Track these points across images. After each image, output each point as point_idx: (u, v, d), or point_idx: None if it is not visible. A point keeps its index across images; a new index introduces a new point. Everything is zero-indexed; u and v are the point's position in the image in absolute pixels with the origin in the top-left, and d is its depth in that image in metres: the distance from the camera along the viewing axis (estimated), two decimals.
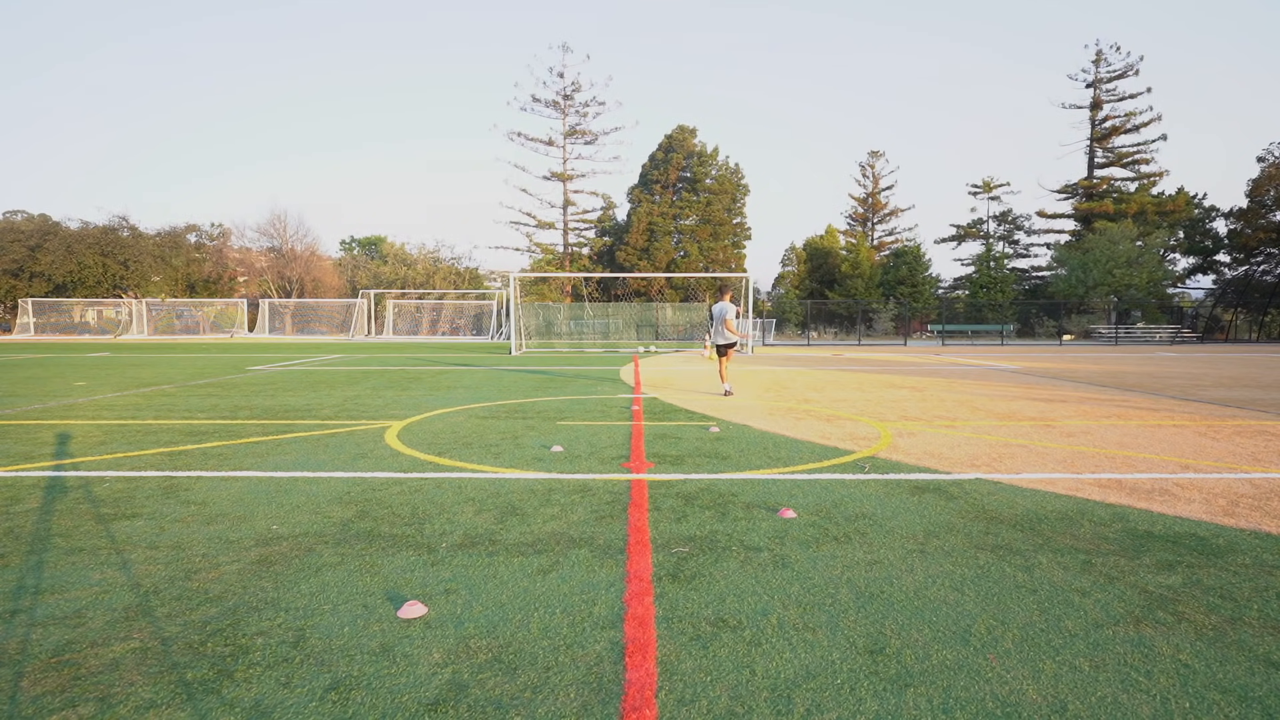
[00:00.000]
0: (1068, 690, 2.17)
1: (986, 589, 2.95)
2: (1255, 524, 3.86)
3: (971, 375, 14.07)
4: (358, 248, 61.98)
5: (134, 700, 2.10)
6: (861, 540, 3.57)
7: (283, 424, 7.25)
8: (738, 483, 4.75)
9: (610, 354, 22.94)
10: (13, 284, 39.75)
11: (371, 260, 53.03)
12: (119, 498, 4.34)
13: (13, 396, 9.67)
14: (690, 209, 49.99)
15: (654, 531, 3.71)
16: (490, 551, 3.40)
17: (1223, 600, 2.84)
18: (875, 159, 56.00)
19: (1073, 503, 4.29)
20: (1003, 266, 49.81)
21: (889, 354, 23.68)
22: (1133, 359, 20.36)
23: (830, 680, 2.23)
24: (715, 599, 2.85)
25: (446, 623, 2.62)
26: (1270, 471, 5.13)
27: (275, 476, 4.89)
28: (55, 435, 6.55)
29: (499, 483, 4.75)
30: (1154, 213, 45.32)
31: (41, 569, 3.15)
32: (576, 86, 51.22)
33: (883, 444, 6.22)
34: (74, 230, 41.36)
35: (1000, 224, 53.72)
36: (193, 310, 41.48)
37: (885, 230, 56.37)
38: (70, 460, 5.43)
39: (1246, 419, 7.81)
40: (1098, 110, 49.15)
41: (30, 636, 2.50)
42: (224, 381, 12.04)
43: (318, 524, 3.82)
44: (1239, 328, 42.08)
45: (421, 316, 42.68)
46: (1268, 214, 41.52)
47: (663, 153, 50.80)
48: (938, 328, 41.15)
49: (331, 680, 2.22)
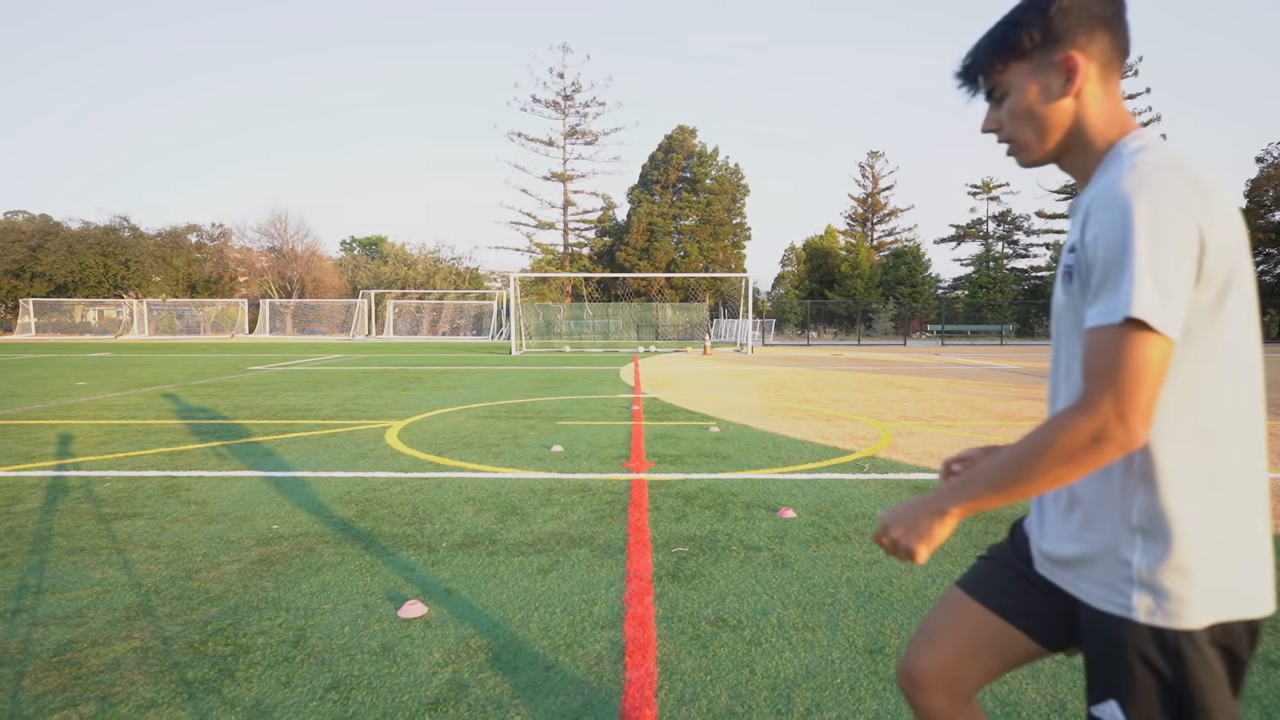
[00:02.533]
0: (1067, 690, 2.17)
1: None
2: None
3: (971, 375, 14.07)
4: (358, 248, 62.04)
5: (135, 700, 2.11)
6: (861, 540, 3.58)
7: (283, 424, 7.25)
8: (738, 482, 4.75)
9: (610, 354, 22.95)
10: (14, 284, 39.77)
11: (372, 260, 53.06)
12: (120, 497, 4.35)
13: (14, 396, 9.68)
14: (690, 209, 50.00)
15: (654, 531, 3.71)
16: (490, 551, 3.40)
17: None
18: (875, 159, 56.03)
19: None
20: (1002, 267, 49.84)
21: (888, 354, 23.68)
22: None
23: (830, 680, 2.23)
24: (715, 599, 2.85)
25: (447, 622, 2.63)
26: (1270, 471, 5.13)
27: (276, 476, 4.90)
28: (56, 435, 6.56)
29: (499, 482, 4.76)
30: None
31: (43, 568, 3.16)
32: (577, 87, 51.24)
33: (882, 444, 6.22)
34: (75, 230, 41.37)
35: (999, 224, 53.75)
36: (193, 310, 41.48)
37: (885, 230, 56.40)
38: (71, 460, 5.44)
39: None
40: None
41: (32, 636, 2.51)
42: (225, 381, 12.05)
43: (318, 524, 3.83)
44: None
45: (422, 317, 42.69)
46: (1266, 214, 41.58)
47: (663, 153, 50.82)
48: (937, 328, 41.15)
49: (332, 680, 2.22)
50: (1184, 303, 0.87)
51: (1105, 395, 0.86)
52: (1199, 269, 0.88)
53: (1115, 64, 1.01)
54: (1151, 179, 0.88)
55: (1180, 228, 0.86)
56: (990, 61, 1.05)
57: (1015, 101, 1.04)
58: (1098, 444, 0.86)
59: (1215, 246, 0.88)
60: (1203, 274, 0.88)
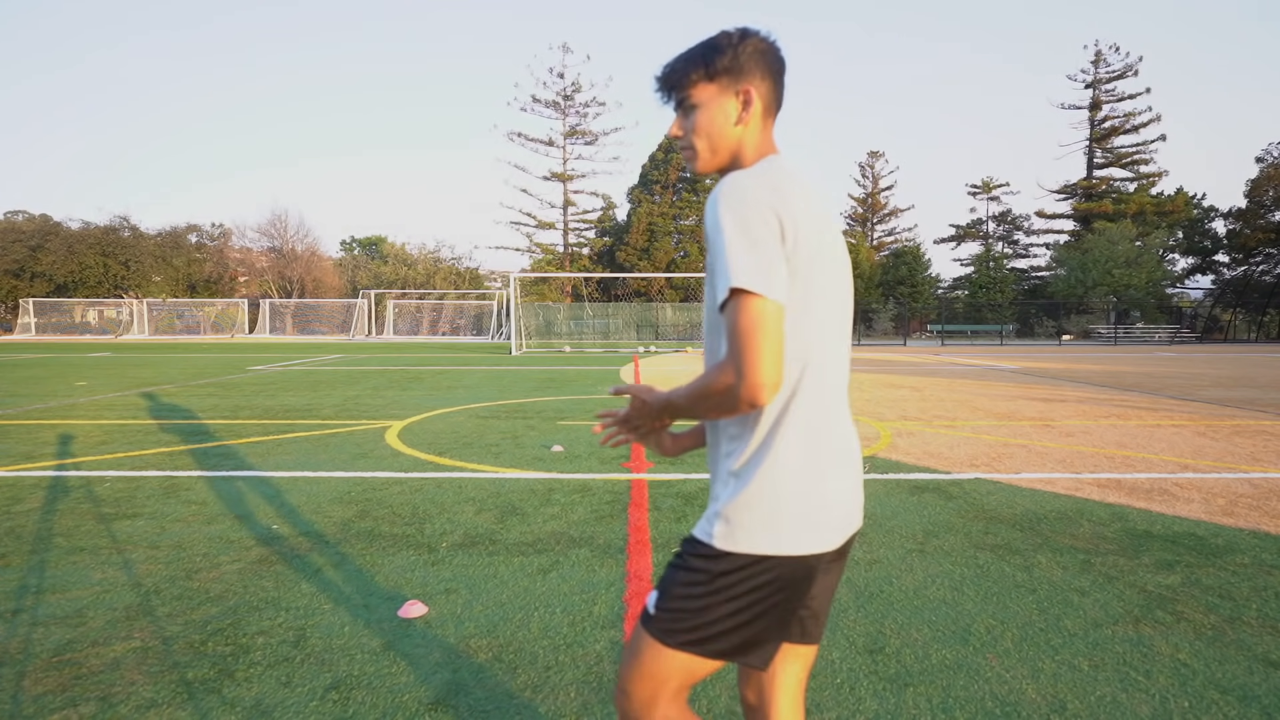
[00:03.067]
0: (1067, 689, 2.17)
1: (986, 588, 2.96)
2: (1254, 524, 3.87)
3: (971, 375, 14.07)
4: (358, 248, 61.98)
5: (135, 700, 2.11)
6: (861, 540, 3.58)
7: (283, 424, 7.25)
8: None
9: (610, 354, 22.95)
10: (14, 284, 39.75)
11: (372, 260, 53.03)
12: (120, 497, 4.35)
13: (14, 396, 9.68)
14: (690, 209, 49.97)
15: (654, 531, 3.71)
16: (490, 551, 3.40)
17: (1221, 600, 2.84)
18: (875, 159, 56.01)
19: (1072, 502, 4.29)
20: (1002, 267, 49.81)
21: (888, 354, 23.68)
22: (1132, 359, 20.37)
23: (830, 680, 2.23)
24: None
25: (447, 622, 2.63)
26: (1269, 471, 5.14)
27: (276, 476, 4.90)
28: (56, 435, 6.56)
29: (499, 482, 4.76)
30: (1153, 213, 45.33)
31: (43, 568, 3.16)
32: (577, 87, 51.22)
33: (882, 444, 6.22)
34: (75, 230, 41.34)
35: (999, 224, 53.76)
36: (193, 310, 41.47)
37: (885, 230, 56.38)
38: (71, 460, 5.44)
39: (1245, 419, 7.81)
40: (1097, 111, 49.17)
41: (32, 636, 2.51)
42: (225, 381, 12.05)
43: (318, 524, 3.83)
44: (1238, 328, 42.09)
45: (422, 317, 42.67)
46: (1266, 214, 41.52)
47: (663, 153, 50.78)
48: (937, 328, 41.13)
49: (332, 680, 2.22)
50: (778, 267, 1.03)
51: (731, 356, 1.02)
52: (784, 242, 1.05)
53: (774, 108, 1.23)
54: (732, 180, 1.07)
55: (757, 212, 1.04)
56: (688, 76, 1.20)
57: (700, 117, 1.21)
58: (731, 394, 1.02)
59: (792, 225, 1.05)
60: (787, 247, 1.05)
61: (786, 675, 1.28)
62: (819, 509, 1.12)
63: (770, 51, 1.21)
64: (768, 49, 1.21)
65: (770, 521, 1.10)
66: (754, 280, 1.01)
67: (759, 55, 1.19)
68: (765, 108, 1.21)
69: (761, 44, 1.20)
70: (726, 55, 1.18)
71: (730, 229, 1.04)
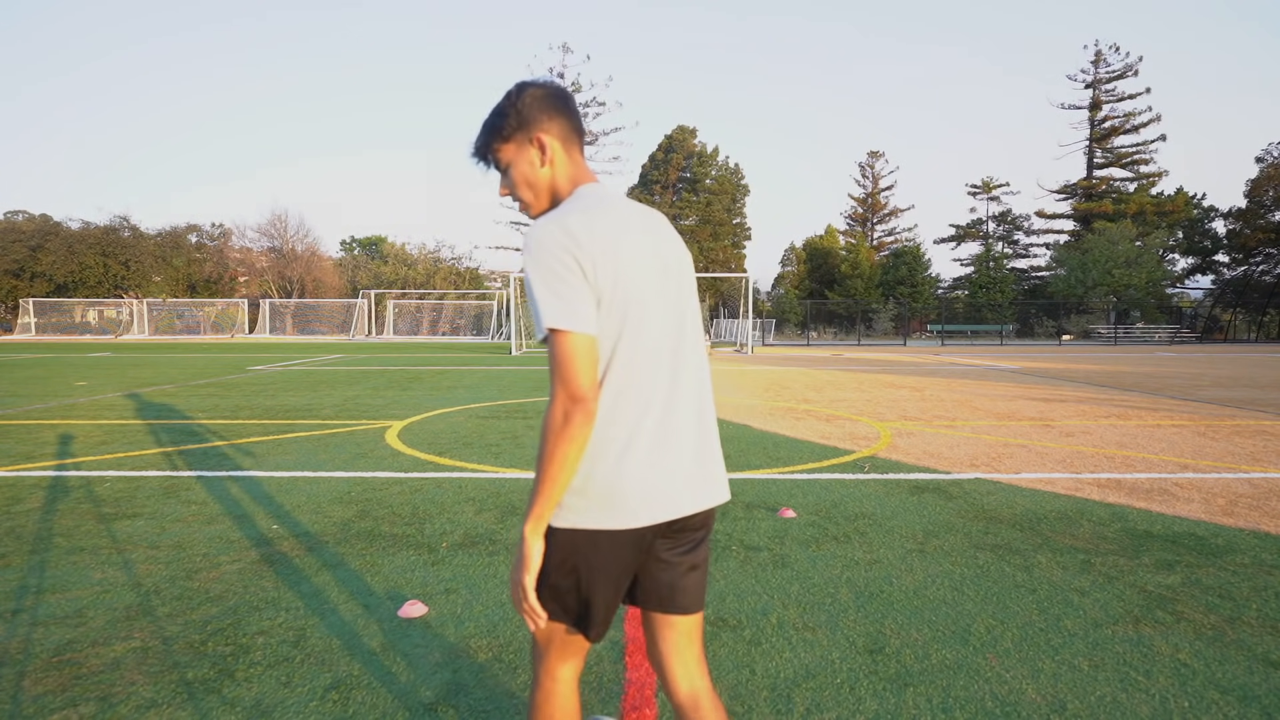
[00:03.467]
0: (1067, 689, 2.17)
1: (986, 589, 2.96)
2: (1254, 524, 3.87)
3: (971, 375, 14.07)
4: (358, 248, 61.91)
5: (135, 700, 2.11)
6: (861, 540, 3.58)
7: (283, 424, 7.25)
8: (738, 482, 4.75)
9: None
10: (14, 284, 39.72)
11: (372, 260, 52.97)
12: (120, 497, 4.35)
13: (14, 396, 9.68)
14: (690, 209, 49.98)
15: None
16: (491, 551, 3.40)
17: (1221, 600, 2.84)
18: (875, 159, 56.03)
19: (1072, 502, 4.29)
20: (1002, 267, 49.80)
21: (888, 354, 23.68)
22: (1132, 359, 20.36)
23: (830, 680, 2.23)
24: (715, 598, 2.85)
25: (447, 622, 2.63)
26: (1269, 471, 5.14)
27: (276, 476, 4.90)
28: (56, 435, 6.56)
29: (499, 482, 4.76)
30: (1153, 213, 45.30)
31: (43, 568, 3.16)
32: (577, 87, 51.18)
33: (882, 444, 6.22)
34: (75, 230, 41.31)
35: (999, 224, 53.73)
36: (193, 310, 41.45)
37: (885, 230, 56.39)
38: (71, 460, 5.44)
39: (1245, 419, 7.81)
40: (1097, 111, 49.13)
41: (32, 636, 2.51)
42: (225, 381, 12.04)
43: (318, 524, 3.83)
44: (1238, 328, 42.09)
45: (422, 317, 42.66)
46: (1266, 214, 41.49)
47: (663, 153, 50.82)
48: (937, 328, 41.14)
49: (332, 680, 2.22)
50: (582, 303, 1.18)
51: (558, 386, 1.16)
52: (585, 279, 1.19)
53: (573, 139, 1.37)
54: (532, 232, 1.22)
55: (556, 258, 1.18)
56: (489, 143, 1.37)
57: (514, 174, 1.36)
58: (568, 419, 1.16)
59: (590, 262, 1.19)
60: (590, 281, 1.19)
61: (669, 642, 1.40)
62: (620, 493, 1.23)
63: (548, 95, 1.34)
64: (544, 94, 1.34)
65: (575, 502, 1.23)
66: (561, 319, 1.16)
67: (538, 102, 1.33)
68: (564, 143, 1.35)
69: (538, 91, 1.34)
70: (510, 116, 1.33)
71: (535, 279, 1.19)
